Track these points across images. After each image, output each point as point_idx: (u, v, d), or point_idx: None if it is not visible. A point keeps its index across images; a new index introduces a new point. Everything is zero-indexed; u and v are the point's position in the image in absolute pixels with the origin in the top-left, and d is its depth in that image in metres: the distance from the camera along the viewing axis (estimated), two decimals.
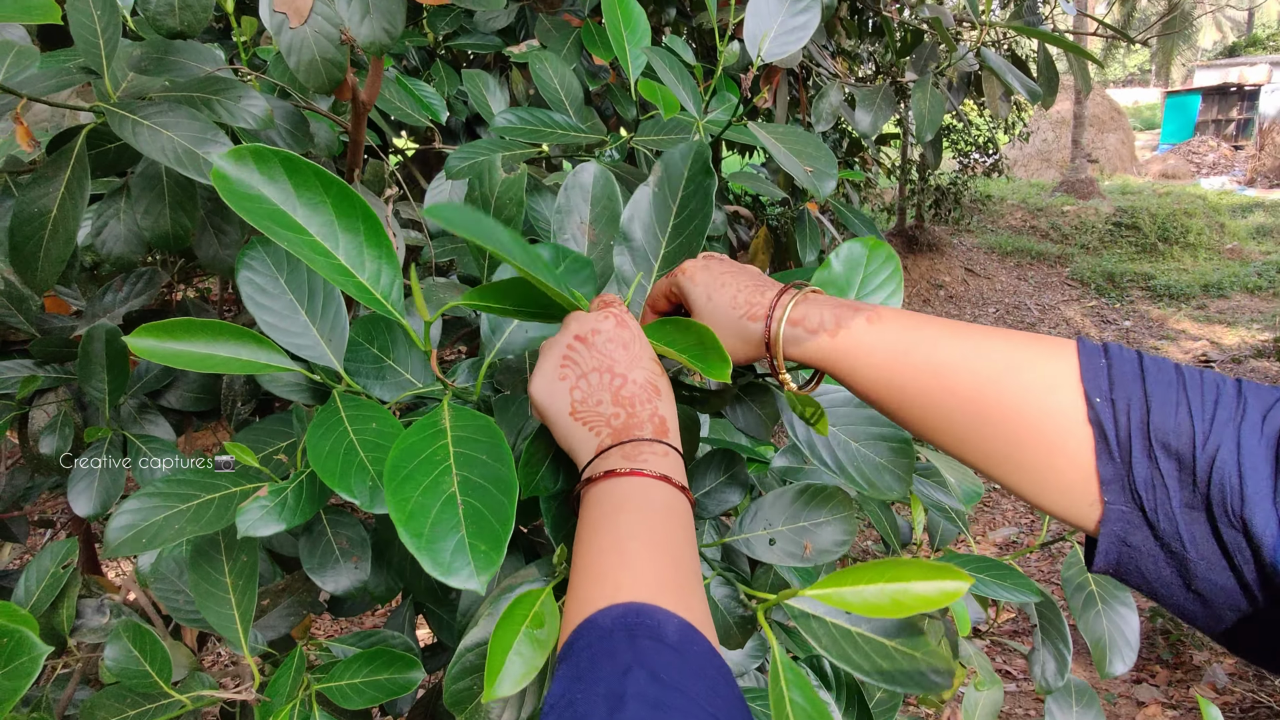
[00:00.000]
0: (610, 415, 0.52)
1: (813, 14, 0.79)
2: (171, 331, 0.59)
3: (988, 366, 0.47)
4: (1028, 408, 0.45)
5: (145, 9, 0.61)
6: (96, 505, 0.89)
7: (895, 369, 0.50)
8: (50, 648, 0.45)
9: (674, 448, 0.52)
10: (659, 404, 0.54)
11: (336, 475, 0.50)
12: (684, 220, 0.64)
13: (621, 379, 0.53)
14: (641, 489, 0.49)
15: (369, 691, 0.62)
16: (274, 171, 0.48)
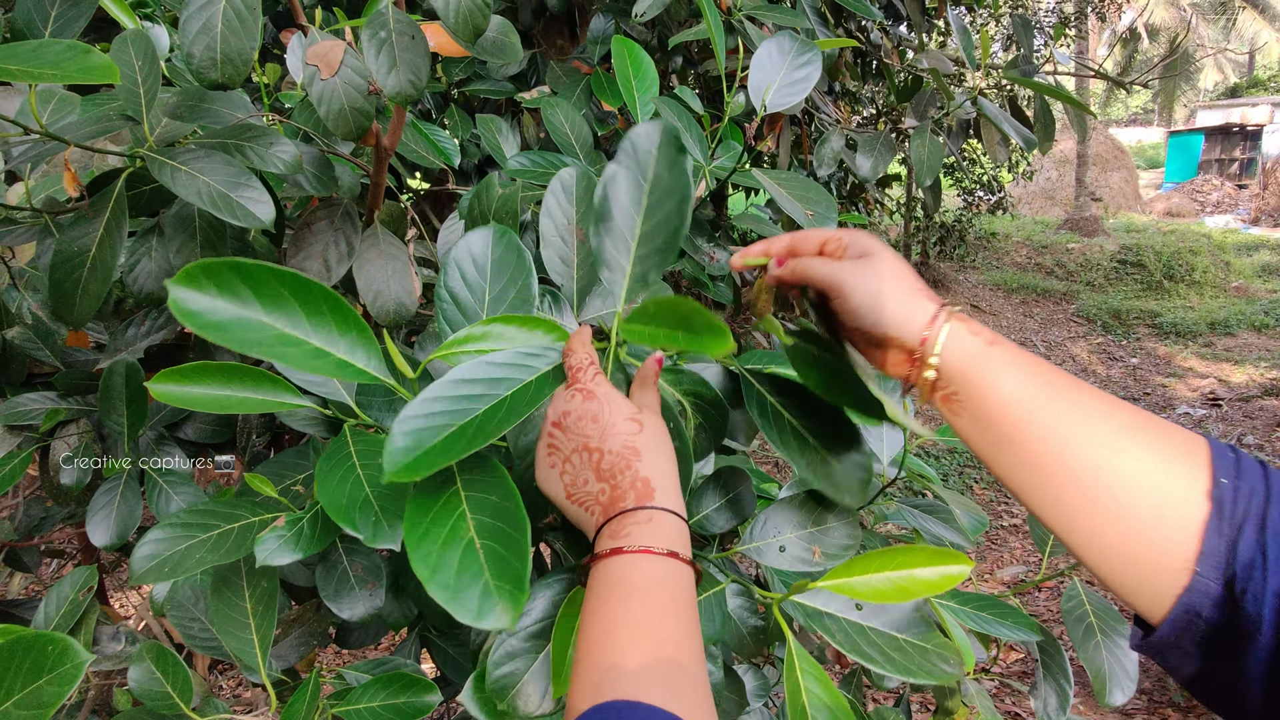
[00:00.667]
0: (597, 492, 0.53)
1: (814, 67, 0.83)
2: (189, 376, 0.61)
3: (1123, 426, 0.48)
4: (1155, 473, 0.46)
5: (189, 62, 0.65)
6: (113, 535, 0.91)
7: (1032, 398, 0.50)
8: (92, 655, 0.47)
9: (659, 508, 0.52)
10: (639, 466, 0.53)
11: (341, 510, 0.52)
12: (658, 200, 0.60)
13: (599, 453, 0.54)
14: (625, 568, 0.49)
15: (386, 715, 0.63)
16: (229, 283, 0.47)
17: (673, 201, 0.59)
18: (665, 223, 0.59)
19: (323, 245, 0.87)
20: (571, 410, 0.55)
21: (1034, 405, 0.50)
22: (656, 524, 0.51)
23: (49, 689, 0.48)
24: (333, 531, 0.61)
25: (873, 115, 3.51)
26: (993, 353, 0.52)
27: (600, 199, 0.61)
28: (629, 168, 0.61)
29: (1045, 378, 0.51)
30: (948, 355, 0.53)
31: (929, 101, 1.69)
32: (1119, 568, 0.47)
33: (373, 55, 0.76)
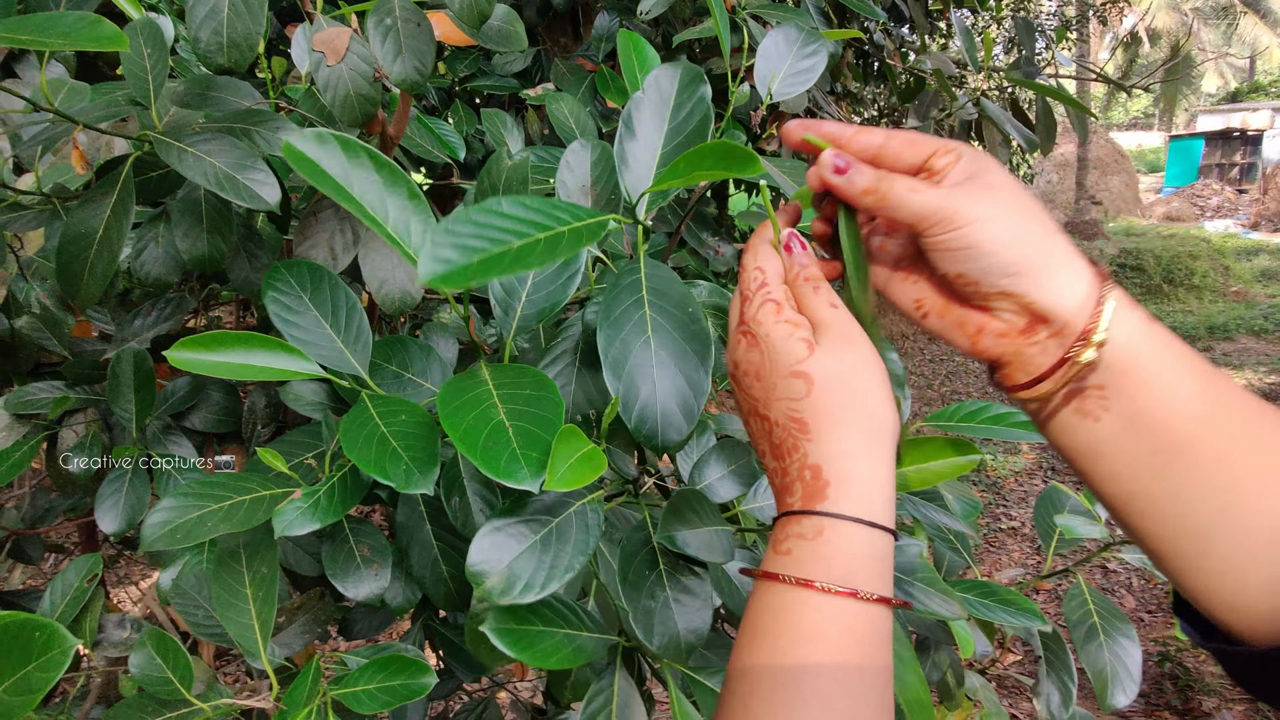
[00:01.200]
0: (773, 471, 0.42)
1: (819, 58, 0.84)
2: (208, 344, 0.63)
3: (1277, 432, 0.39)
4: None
5: (196, 47, 0.65)
6: (122, 523, 0.91)
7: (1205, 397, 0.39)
8: (79, 640, 0.47)
9: (836, 516, 0.38)
10: (808, 447, 0.40)
11: (372, 463, 0.54)
12: (681, 121, 0.65)
13: (766, 420, 0.42)
14: (780, 604, 0.38)
15: (381, 696, 0.63)
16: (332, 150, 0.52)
17: (695, 120, 0.64)
18: (688, 141, 0.63)
19: (328, 233, 0.87)
20: (739, 361, 0.44)
21: (1209, 414, 0.39)
22: (829, 542, 0.38)
23: (37, 675, 0.48)
24: (347, 503, 0.62)
25: (874, 117, 3.52)
26: (1163, 343, 0.39)
27: (626, 118, 0.64)
28: (652, 98, 0.66)
29: (1217, 378, 0.40)
30: (1114, 341, 0.39)
31: (931, 102, 1.70)
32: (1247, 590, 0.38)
33: (378, 42, 0.77)
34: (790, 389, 0.40)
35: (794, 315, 0.43)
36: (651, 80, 0.67)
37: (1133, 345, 0.39)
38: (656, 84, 0.67)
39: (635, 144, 0.66)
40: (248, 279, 0.85)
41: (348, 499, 0.66)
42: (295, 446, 0.76)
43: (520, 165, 0.86)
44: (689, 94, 0.67)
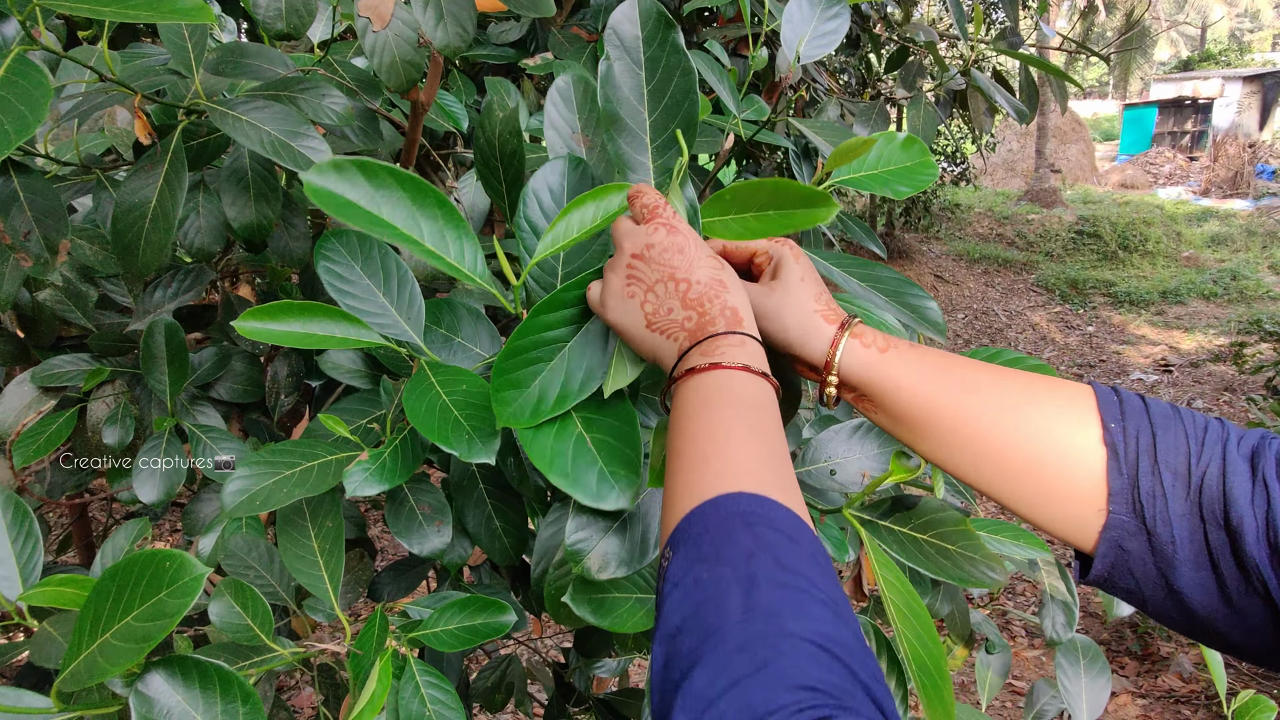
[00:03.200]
0: (683, 319, 0.55)
1: (843, 19, 0.87)
2: (273, 314, 0.64)
3: (1016, 393, 0.54)
4: (1051, 429, 0.52)
5: (255, 12, 0.66)
6: (161, 492, 0.93)
7: (931, 388, 0.56)
8: (209, 568, 0.50)
9: (750, 335, 0.54)
10: (727, 296, 0.55)
11: (436, 431, 0.56)
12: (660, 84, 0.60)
13: (686, 283, 0.55)
14: (724, 381, 0.51)
15: (463, 635, 0.67)
16: (353, 179, 0.53)
17: (676, 80, 0.58)
18: (675, 106, 0.58)
19: None
20: (655, 242, 0.56)
21: (934, 396, 0.56)
22: (749, 348, 0.53)
23: (170, 601, 0.50)
24: (411, 466, 0.65)
25: (856, 84, 3.55)
26: (887, 359, 0.58)
27: (603, 102, 0.59)
28: (620, 59, 0.59)
29: (939, 368, 0.56)
30: (845, 370, 0.58)
31: (917, 72, 1.74)
32: (1046, 516, 0.53)
33: (420, 8, 0.78)
34: (713, 263, 0.57)
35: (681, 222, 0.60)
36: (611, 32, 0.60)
37: (862, 370, 0.58)
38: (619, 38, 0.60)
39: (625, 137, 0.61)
40: (287, 247, 0.86)
41: (411, 462, 0.68)
42: (349, 413, 0.78)
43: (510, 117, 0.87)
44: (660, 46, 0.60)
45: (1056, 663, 1.02)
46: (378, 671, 0.59)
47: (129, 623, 0.50)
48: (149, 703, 0.53)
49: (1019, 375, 0.56)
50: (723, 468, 0.46)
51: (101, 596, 0.52)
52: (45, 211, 0.64)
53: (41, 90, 0.48)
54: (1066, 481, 0.51)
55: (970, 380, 0.56)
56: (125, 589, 0.51)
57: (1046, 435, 0.52)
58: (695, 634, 0.38)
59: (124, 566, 0.52)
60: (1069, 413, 0.52)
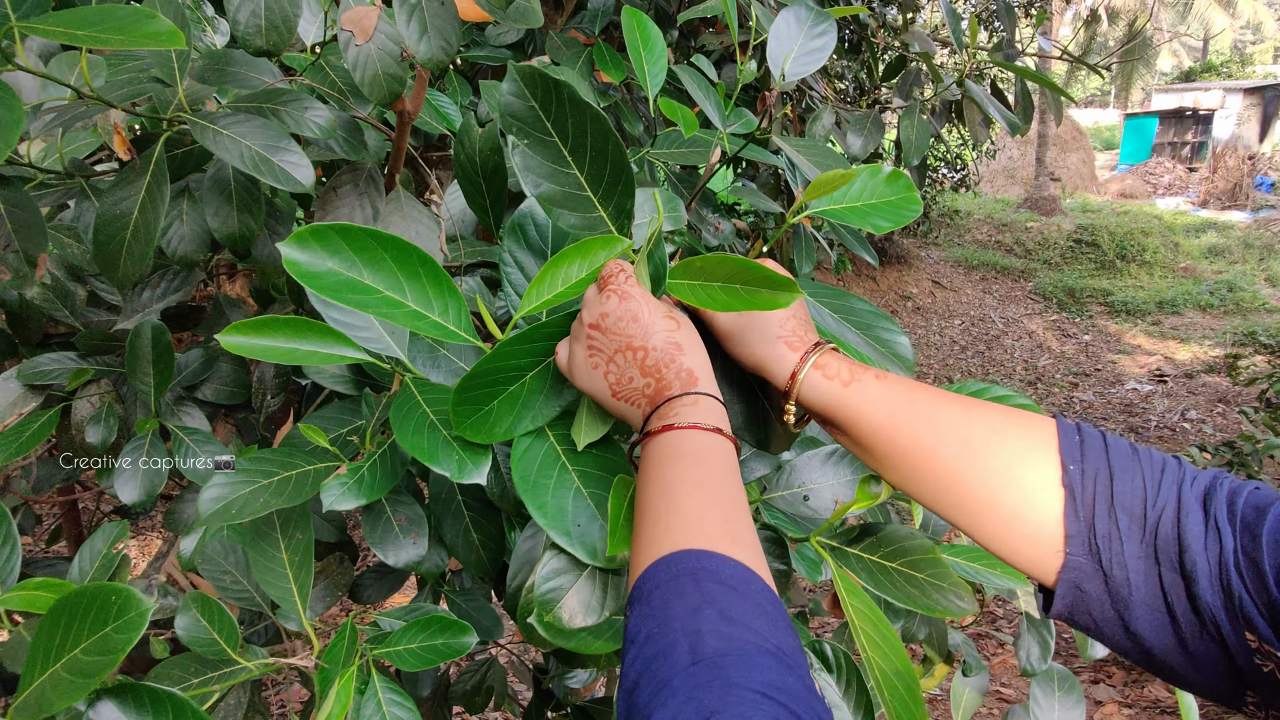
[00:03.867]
0: (643, 387, 0.57)
1: (829, 37, 0.87)
2: (258, 328, 0.64)
3: (979, 430, 0.55)
4: (1011, 469, 0.53)
5: (235, 29, 0.66)
6: (142, 493, 0.93)
7: (894, 422, 0.57)
8: (154, 603, 0.50)
9: (703, 393, 0.56)
10: (682, 359, 0.58)
11: (425, 451, 0.56)
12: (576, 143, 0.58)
13: (642, 350, 0.57)
14: (676, 440, 0.54)
15: (425, 655, 0.67)
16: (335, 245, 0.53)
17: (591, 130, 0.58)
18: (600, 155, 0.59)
19: (349, 208, 0.89)
20: (609, 311, 0.58)
21: (897, 431, 0.57)
22: (702, 406, 0.56)
23: (116, 636, 0.50)
24: (390, 480, 0.65)
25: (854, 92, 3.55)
26: (849, 393, 0.59)
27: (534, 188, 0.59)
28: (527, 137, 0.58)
29: (905, 403, 0.58)
30: (807, 400, 0.60)
31: (914, 81, 1.74)
32: (1008, 552, 0.54)
33: (404, 21, 0.78)
34: (667, 325, 0.59)
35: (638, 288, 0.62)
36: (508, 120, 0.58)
37: (825, 401, 0.60)
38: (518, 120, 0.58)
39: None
40: (271, 254, 0.86)
41: (390, 476, 0.68)
42: (330, 421, 0.78)
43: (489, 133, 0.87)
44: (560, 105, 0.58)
45: (1030, 693, 1.02)
46: (336, 690, 0.59)
47: (77, 655, 0.50)
48: None
49: (984, 410, 0.56)
50: (673, 524, 0.48)
51: (53, 626, 0.52)
52: (24, 224, 0.65)
53: (14, 113, 0.48)
54: (1025, 523, 0.52)
55: (935, 416, 0.56)
56: (74, 622, 0.51)
57: (1006, 475, 0.53)
58: (649, 687, 0.39)
59: (73, 599, 0.52)
60: (1030, 454, 0.53)
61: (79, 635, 0.48)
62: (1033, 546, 0.52)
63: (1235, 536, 0.47)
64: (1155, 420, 6.15)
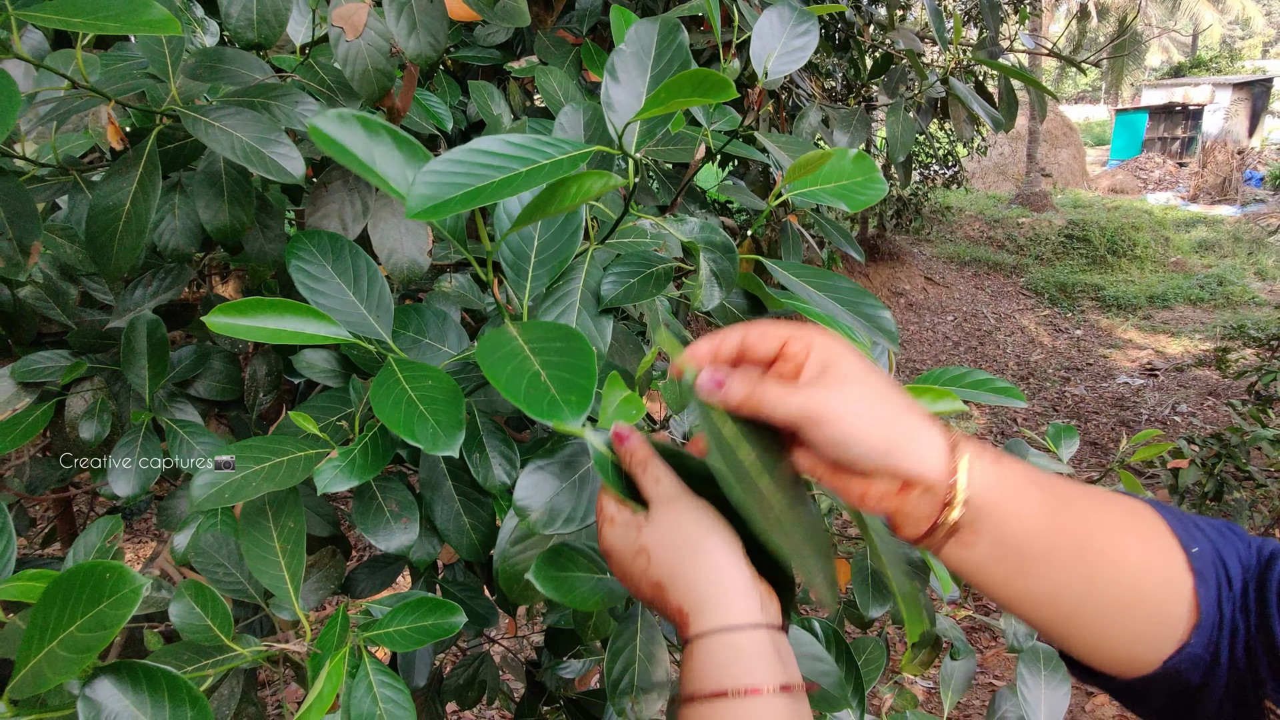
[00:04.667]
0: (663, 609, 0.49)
1: (811, 36, 0.89)
2: (243, 310, 0.66)
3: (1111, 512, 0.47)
4: (1149, 556, 0.46)
5: (227, 24, 0.67)
6: (136, 486, 0.94)
7: (1048, 513, 0.46)
8: (148, 579, 0.51)
9: (705, 632, 0.45)
10: (669, 597, 0.47)
11: (401, 425, 0.58)
12: (663, 70, 0.71)
13: (640, 591, 0.50)
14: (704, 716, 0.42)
15: (415, 635, 0.68)
16: (354, 128, 0.57)
17: (675, 66, 0.69)
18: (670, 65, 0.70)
19: (339, 204, 0.90)
20: (607, 549, 0.53)
21: (1056, 526, 0.46)
22: (701, 658, 0.44)
23: (110, 612, 0.51)
24: (380, 461, 0.66)
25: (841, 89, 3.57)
26: (1008, 476, 0.47)
27: (610, 68, 0.70)
28: (634, 49, 0.72)
29: (1052, 488, 0.48)
30: (973, 492, 0.45)
31: (900, 79, 1.76)
32: (1123, 644, 0.46)
33: (394, 18, 0.79)
34: (639, 564, 0.49)
35: (617, 515, 0.52)
36: (631, 33, 0.73)
37: (988, 490, 0.46)
38: (637, 36, 0.73)
39: (620, 89, 0.72)
40: (262, 249, 0.87)
41: (380, 458, 0.70)
42: (319, 410, 0.80)
43: (517, 129, 0.90)
44: (668, 43, 0.73)
45: (1018, 671, 1.04)
46: (328, 671, 0.60)
47: (73, 633, 0.51)
48: (96, 707, 0.54)
49: (1098, 494, 0.49)
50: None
51: (48, 606, 0.53)
52: (18, 213, 0.66)
53: (10, 99, 0.49)
54: (1162, 611, 0.45)
55: (1076, 503, 0.47)
56: (69, 600, 0.52)
57: (1149, 563, 0.46)
58: None
59: (68, 578, 0.53)
60: (1154, 537, 0.47)
61: (74, 613, 0.49)
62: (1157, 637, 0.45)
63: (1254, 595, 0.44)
64: (1146, 414, 6.19)
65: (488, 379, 0.54)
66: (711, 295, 0.74)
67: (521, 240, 0.77)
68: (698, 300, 0.74)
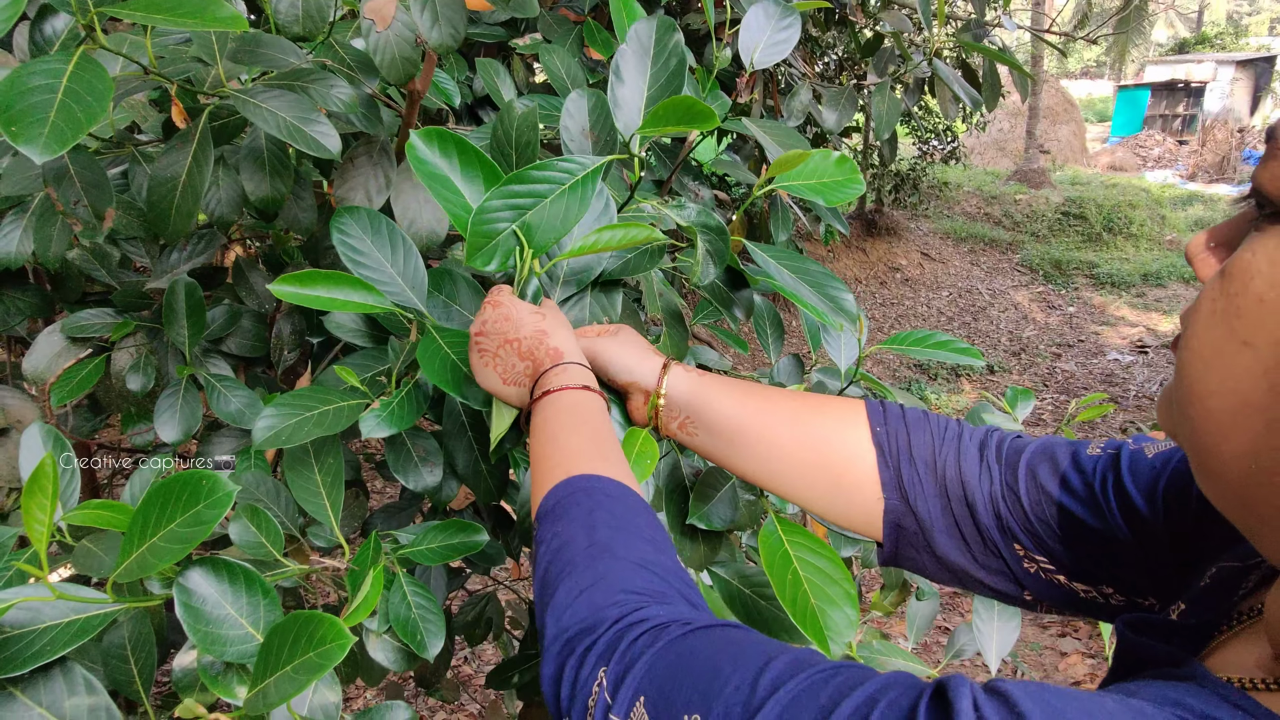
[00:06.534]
0: (523, 369, 0.70)
1: (794, 29, 0.97)
2: (303, 280, 0.75)
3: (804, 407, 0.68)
4: (833, 434, 0.65)
5: (276, 18, 0.76)
6: (180, 432, 1.04)
7: (742, 406, 0.69)
8: (239, 486, 0.61)
9: (571, 362, 0.69)
10: (548, 340, 0.70)
11: (447, 383, 0.68)
12: (660, 68, 0.81)
13: (516, 340, 0.69)
14: (553, 401, 0.65)
15: (443, 551, 0.79)
16: (449, 150, 0.69)
17: (673, 64, 0.79)
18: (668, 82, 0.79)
19: (364, 178, 0.99)
20: (487, 318, 0.71)
21: (742, 413, 0.69)
22: (570, 372, 0.68)
23: (207, 511, 0.62)
24: (415, 413, 0.77)
25: (835, 64, 3.63)
26: (704, 381, 0.71)
27: (615, 67, 0.79)
28: (635, 48, 0.80)
29: (745, 390, 0.70)
30: (672, 390, 0.72)
31: (889, 59, 1.84)
32: (842, 512, 0.66)
33: (418, 11, 0.88)
34: (534, 318, 0.71)
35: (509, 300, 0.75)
36: (632, 33, 0.81)
37: (688, 392, 0.71)
38: (637, 35, 0.82)
39: (625, 89, 0.81)
40: (296, 217, 0.97)
41: (415, 409, 0.80)
42: (360, 367, 0.90)
43: (530, 114, 0.99)
44: (665, 42, 0.82)
45: (974, 609, 1.16)
46: (370, 579, 0.71)
47: (173, 528, 0.62)
48: (189, 593, 0.65)
49: (805, 395, 0.70)
50: (560, 460, 0.60)
51: (149, 508, 0.63)
52: (91, 183, 0.75)
53: (104, 83, 0.58)
54: (848, 476, 0.64)
55: (767, 399, 0.69)
56: (169, 502, 0.63)
57: (830, 439, 0.66)
58: (556, 566, 0.52)
59: (166, 485, 0.63)
60: (845, 421, 0.66)
61: (174, 512, 0.59)
62: (859, 496, 0.64)
63: (1001, 472, 0.61)
64: (1135, 390, 6.32)
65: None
66: (707, 272, 0.84)
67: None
68: (695, 276, 0.84)
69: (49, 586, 0.63)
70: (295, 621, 0.57)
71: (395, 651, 0.83)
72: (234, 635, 0.63)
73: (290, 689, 0.56)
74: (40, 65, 0.57)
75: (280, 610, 0.68)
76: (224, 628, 0.63)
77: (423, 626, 0.76)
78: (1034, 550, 0.58)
